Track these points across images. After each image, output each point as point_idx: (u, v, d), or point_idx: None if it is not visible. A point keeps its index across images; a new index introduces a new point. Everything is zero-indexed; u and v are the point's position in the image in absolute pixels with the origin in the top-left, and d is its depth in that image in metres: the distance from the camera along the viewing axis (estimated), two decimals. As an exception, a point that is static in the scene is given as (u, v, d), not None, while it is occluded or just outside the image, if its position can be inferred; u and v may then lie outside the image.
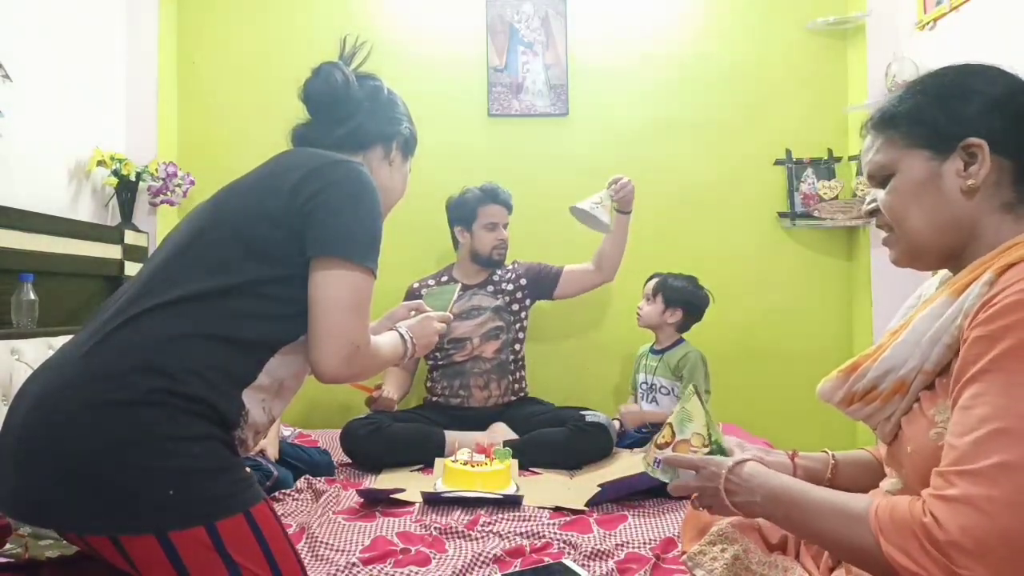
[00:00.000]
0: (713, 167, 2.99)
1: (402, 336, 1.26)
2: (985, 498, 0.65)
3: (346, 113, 1.24)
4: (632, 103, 3.00)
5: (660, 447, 0.96)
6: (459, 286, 1.82)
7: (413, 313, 1.44)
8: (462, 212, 2.63)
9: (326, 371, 1.05)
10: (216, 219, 1.10)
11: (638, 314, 2.56)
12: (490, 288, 2.64)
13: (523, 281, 2.66)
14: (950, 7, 2.52)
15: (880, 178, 0.91)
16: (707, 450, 0.92)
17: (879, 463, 1.06)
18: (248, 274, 1.03)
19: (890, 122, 0.89)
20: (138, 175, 2.60)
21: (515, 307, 2.63)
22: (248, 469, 1.02)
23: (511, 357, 2.58)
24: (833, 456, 1.07)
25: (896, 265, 0.92)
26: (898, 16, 2.83)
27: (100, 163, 2.50)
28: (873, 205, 0.92)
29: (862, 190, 2.83)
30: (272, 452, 2.09)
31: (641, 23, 3.01)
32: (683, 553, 1.06)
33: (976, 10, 2.42)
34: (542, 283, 2.67)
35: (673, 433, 0.94)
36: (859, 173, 2.88)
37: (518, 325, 2.63)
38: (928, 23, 2.66)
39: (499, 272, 2.66)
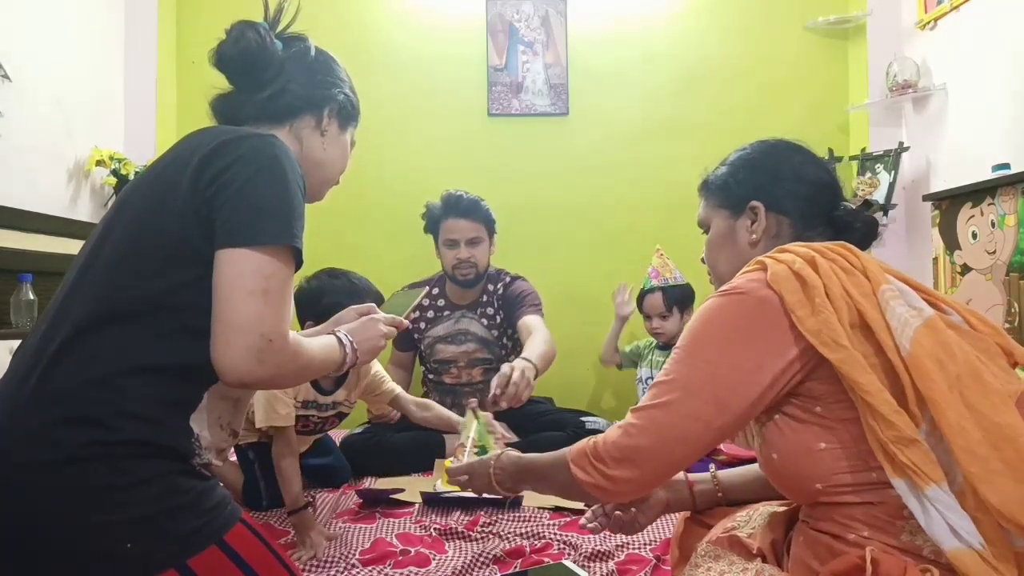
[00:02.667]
0: (713, 167, 2.98)
1: (340, 340, 1.07)
2: (632, 424, 0.89)
3: (265, 78, 1.09)
4: (632, 103, 3.00)
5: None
6: (426, 290, 1.66)
7: None
8: (429, 228, 2.46)
9: (230, 369, 0.86)
10: (118, 225, 0.96)
11: (659, 333, 2.50)
12: (478, 311, 2.47)
13: (500, 302, 2.46)
14: (951, 6, 2.51)
15: (704, 230, 1.14)
16: (476, 450, 1.24)
17: None
18: (162, 282, 0.90)
19: (705, 187, 1.16)
20: (137, 175, 2.60)
21: (504, 340, 2.47)
22: (220, 490, 0.93)
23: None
24: (715, 476, 1.20)
25: None
26: (899, 15, 2.83)
27: (99, 163, 2.49)
28: (703, 255, 1.14)
29: (863, 190, 2.82)
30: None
31: (641, 23, 3.00)
32: None
33: (976, 10, 2.41)
34: (510, 315, 2.42)
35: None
36: (859, 173, 2.87)
37: (507, 350, 2.47)
38: (929, 22, 2.66)
39: (489, 293, 2.48)
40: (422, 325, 2.50)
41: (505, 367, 1.92)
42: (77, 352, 0.88)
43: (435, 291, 2.52)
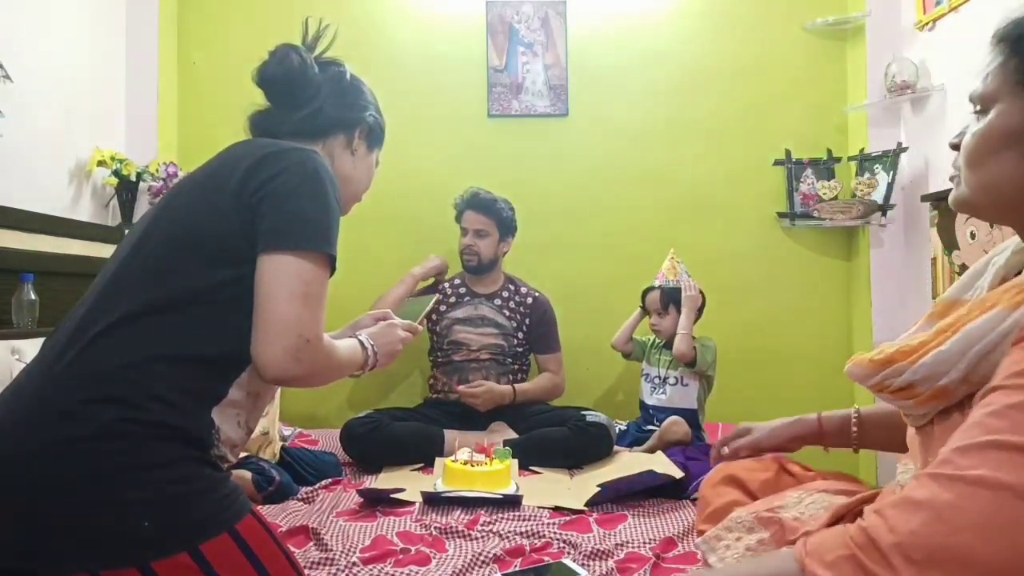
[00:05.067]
0: (713, 167, 3.00)
1: (362, 343, 1.14)
2: (952, 507, 0.56)
3: (304, 98, 1.18)
4: (632, 103, 3.00)
5: None
6: (437, 297, 1.79)
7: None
8: (456, 218, 2.67)
9: (269, 365, 0.93)
10: (163, 222, 1.03)
11: (656, 330, 2.57)
12: (497, 302, 2.64)
13: (528, 321, 2.64)
14: (949, 7, 2.52)
15: (980, 109, 0.74)
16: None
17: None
18: (201, 279, 0.96)
19: (1017, 43, 0.69)
20: (138, 175, 2.61)
21: (520, 335, 2.63)
22: (232, 481, 0.97)
23: (511, 361, 2.59)
24: (857, 411, 1.06)
25: (951, 205, 0.81)
26: (898, 16, 2.84)
27: (100, 163, 2.50)
28: (957, 139, 0.77)
29: (861, 190, 2.83)
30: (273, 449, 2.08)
31: (641, 23, 3.01)
32: (699, 533, 1.06)
33: (975, 10, 2.42)
34: (533, 343, 2.67)
35: None
36: (858, 173, 2.88)
37: (522, 346, 2.64)
38: (927, 23, 2.67)
39: (509, 291, 2.66)
40: (442, 308, 2.63)
41: (488, 384, 2.46)
42: (113, 338, 0.92)
43: (456, 281, 2.70)
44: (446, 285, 2.68)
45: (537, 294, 2.69)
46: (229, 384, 0.98)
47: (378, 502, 1.84)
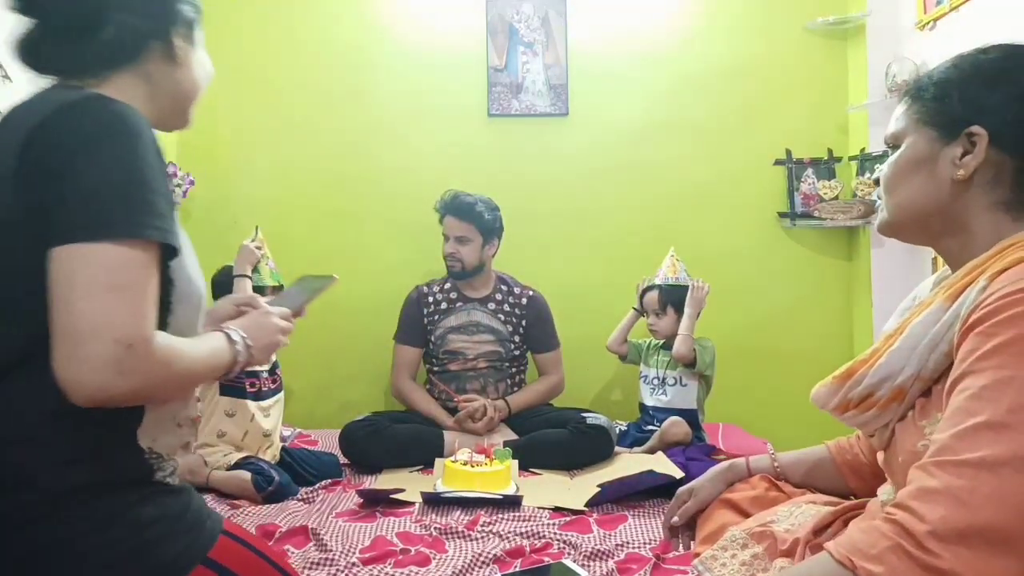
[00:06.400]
0: (713, 167, 3.00)
1: (229, 337, 0.90)
2: (967, 490, 0.63)
3: (94, 15, 0.88)
4: (632, 103, 3.00)
5: None
6: (334, 280, 1.39)
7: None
8: (440, 221, 2.60)
9: (80, 385, 0.70)
10: None
11: (654, 330, 2.55)
12: (491, 306, 2.58)
13: (524, 322, 2.59)
14: (950, 7, 2.52)
15: (892, 146, 0.89)
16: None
17: (834, 462, 1.11)
18: (43, 308, 0.74)
19: (917, 93, 0.87)
20: None
21: (516, 338, 2.59)
22: (195, 501, 0.88)
23: (508, 365, 2.57)
24: (774, 455, 1.13)
25: (878, 231, 0.93)
26: (898, 16, 2.84)
27: (100, 163, 2.50)
28: (877, 175, 0.92)
29: (862, 190, 2.83)
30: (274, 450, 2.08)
31: (641, 23, 3.01)
32: (695, 556, 1.07)
33: (976, 10, 2.42)
34: (530, 342, 2.63)
35: None
36: (859, 173, 2.88)
37: (520, 349, 2.61)
38: (928, 23, 2.66)
39: (502, 293, 2.61)
40: (436, 317, 2.56)
41: (480, 403, 2.37)
42: None
43: (447, 285, 2.61)
44: (436, 290, 2.61)
45: (531, 292, 2.64)
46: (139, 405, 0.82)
47: (378, 502, 1.84)
